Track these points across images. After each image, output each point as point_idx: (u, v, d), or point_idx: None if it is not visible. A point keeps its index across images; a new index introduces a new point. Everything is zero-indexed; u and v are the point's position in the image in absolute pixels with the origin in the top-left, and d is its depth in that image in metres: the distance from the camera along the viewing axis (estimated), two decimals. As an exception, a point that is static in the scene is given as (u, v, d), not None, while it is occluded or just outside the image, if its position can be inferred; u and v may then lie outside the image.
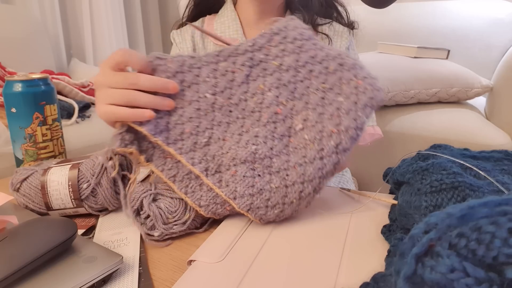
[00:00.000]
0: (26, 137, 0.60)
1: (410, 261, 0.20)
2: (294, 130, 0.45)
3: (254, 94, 0.46)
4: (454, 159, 0.42)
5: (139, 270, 0.37)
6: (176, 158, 0.44)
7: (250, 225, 0.44)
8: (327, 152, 0.42)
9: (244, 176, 0.43)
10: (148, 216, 0.43)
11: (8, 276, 0.31)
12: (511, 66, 1.11)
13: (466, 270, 0.18)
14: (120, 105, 0.43)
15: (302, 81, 0.45)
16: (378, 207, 0.49)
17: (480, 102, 1.28)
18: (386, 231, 0.41)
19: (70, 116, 1.15)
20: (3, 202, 0.51)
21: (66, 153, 0.66)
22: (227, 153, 0.44)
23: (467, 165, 0.40)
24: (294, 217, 0.45)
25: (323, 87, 0.44)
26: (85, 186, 0.47)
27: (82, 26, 2.09)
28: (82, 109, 1.26)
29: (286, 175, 0.43)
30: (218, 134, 0.45)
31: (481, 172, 0.39)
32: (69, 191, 0.47)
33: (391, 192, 0.53)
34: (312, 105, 0.45)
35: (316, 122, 0.44)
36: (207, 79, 0.45)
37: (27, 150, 0.60)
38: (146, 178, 0.59)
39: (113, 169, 0.46)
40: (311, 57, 0.45)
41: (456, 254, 0.19)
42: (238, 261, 0.37)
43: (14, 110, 0.59)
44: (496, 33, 1.41)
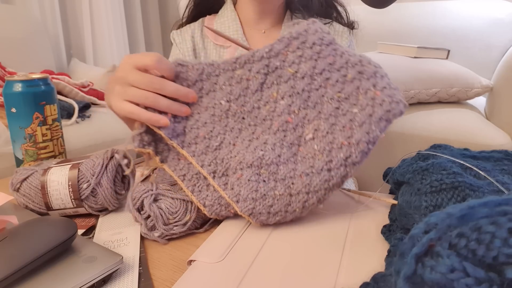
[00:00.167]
0: (26, 137, 0.60)
1: (410, 261, 0.21)
2: (304, 139, 0.44)
3: (267, 102, 0.46)
4: (454, 159, 0.42)
5: (139, 270, 0.37)
6: (188, 160, 0.46)
7: (250, 225, 0.44)
8: (336, 164, 0.41)
9: (249, 180, 0.43)
10: (148, 216, 0.43)
11: (8, 276, 0.31)
12: (511, 66, 1.11)
13: (466, 270, 0.18)
14: (138, 104, 0.44)
15: (317, 89, 0.44)
16: (378, 207, 0.49)
17: (480, 102, 1.28)
18: (386, 231, 0.41)
19: (70, 116, 1.15)
20: (3, 202, 0.51)
21: (66, 153, 0.66)
22: (235, 157, 0.44)
23: (467, 165, 0.40)
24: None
25: (338, 97, 0.43)
26: (85, 186, 0.47)
27: (82, 26, 2.09)
28: (82, 109, 1.26)
29: (292, 184, 0.42)
30: (229, 139, 0.46)
31: (481, 172, 0.39)
32: (69, 191, 0.47)
33: (391, 192, 0.53)
34: (325, 115, 0.44)
35: (327, 132, 0.43)
36: (223, 87, 0.47)
37: (27, 150, 0.60)
38: (147, 178, 0.59)
39: (127, 167, 0.48)
40: (329, 64, 0.44)
41: (456, 254, 0.19)
42: (238, 261, 0.37)
43: (14, 110, 0.59)
44: (496, 33, 1.41)
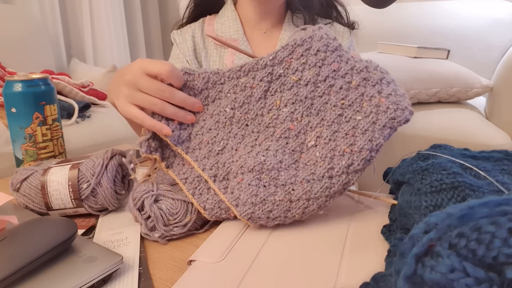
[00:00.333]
0: (26, 137, 0.60)
1: (410, 261, 0.20)
2: (306, 146, 0.44)
3: (270, 110, 0.46)
4: (454, 159, 0.42)
5: (139, 270, 0.37)
6: (191, 164, 0.46)
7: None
8: (337, 171, 0.41)
9: (249, 184, 0.43)
10: (149, 217, 0.43)
11: (8, 276, 0.31)
12: (511, 66, 1.11)
13: (466, 270, 0.18)
14: (144, 109, 0.46)
15: (320, 96, 0.44)
16: (378, 207, 0.49)
17: (480, 102, 1.28)
18: (386, 231, 0.41)
19: (70, 116, 1.15)
20: (3, 202, 0.51)
21: (66, 153, 0.66)
22: (237, 161, 0.44)
23: (467, 165, 0.40)
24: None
25: (342, 104, 0.43)
26: (85, 186, 0.47)
27: (82, 26, 2.09)
28: (82, 109, 1.26)
29: (292, 190, 0.42)
30: (232, 145, 0.46)
31: (481, 172, 0.39)
32: (69, 191, 0.47)
33: (391, 192, 0.53)
34: (327, 122, 0.44)
35: (329, 139, 0.43)
36: (228, 94, 0.47)
37: (27, 150, 0.60)
38: (147, 178, 0.58)
39: (133, 171, 0.49)
40: (333, 70, 0.44)
41: (456, 254, 0.19)
42: (238, 261, 0.37)
43: (14, 110, 0.59)
44: (496, 33, 1.41)
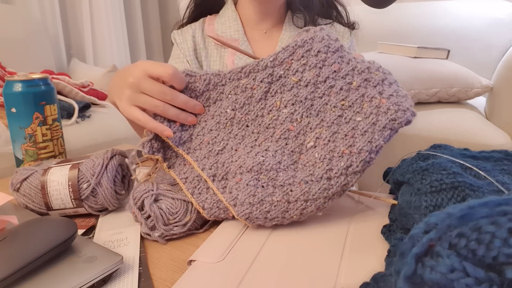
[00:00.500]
0: (26, 137, 0.60)
1: (410, 261, 0.20)
2: (305, 147, 0.44)
3: (270, 111, 0.46)
4: (454, 159, 0.42)
5: (139, 270, 0.37)
6: (192, 164, 0.47)
7: (250, 225, 0.44)
8: (336, 173, 0.41)
9: (247, 184, 0.43)
10: (149, 216, 0.43)
11: (8, 276, 0.31)
12: (511, 66, 1.11)
13: (466, 270, 0.18)
14: (145, 110, 0.47)
15: (320, 97, 0.44)
16: (378, 207, 0.49)
17: (480, 102, 1.28)
18: (386, 231, 0.41)
19: (70, 116, 1.15)
20: (3, 202, 0.51)
21: (66, 153, 0.66)
22: (236, 161, 0.45)
23: (467, 165, 0.40)
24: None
25: (342, 105, 0.43)
26: (85, 186, 0.47)
27: (82, 26, 2.09)
28: (82, 109, 1.26)
29: (290, 191, 0.42)
30: (232, 145, 0.47)
31: (481, 172, 0.39)
32: (69, 191, 0.47)
33: (391, 192, 0.53)
34: (327, 123, 0.43)
35: (328, 141, 0.43)
36: (229, 96, 0.48)
37: (27, 150, 0.60)
38: (148, 178, 0.58)
39: (134, 171, 0.50)
40: (334, 71, 0.44)
41: (456, 254, 0.19)
42: (238, 261, 0.37)
43: (14, 110, 0.59)
44: (496, 33, 1.41)
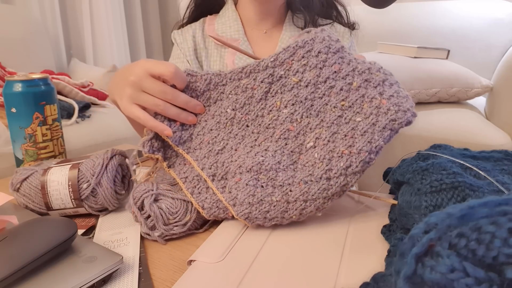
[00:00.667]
0: (26, 137, 0.60)
1: (410, 261, 0.20)
2: (305, 147, 0.44)
3: (270, 111, 0.46)
4: (454, 159, 0.42)
5: (139, 270, 0.37)
6: (192, 164, 0.47)
7: (250, 225, 0.44)
8: (335, 173, 0.41)
9: (246, 184, 0.43)
10: (148, 216, 0.43)
11: (8, 276, 0.31)
12: (511, 66, 1.11)
13: (466, 270, 0.18)
14: (146, 109, 0.47)
15: (320, 97, 0.44)
16: (378, 207, 0.49)
17: (480, 102, 1.28)
18: (386, 231, 0.41)
19: (70, 116, 1.15)
20: (3, 202, 0.51)
21: (66, 153, 0.66)
22: (236, 161, 0.45)
23: (467, 165, 0.40)
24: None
25: (342, 105, 0.43)
26: (85, 186, 0.47)
27: (82, 26, 2.09)
28: (82, 109, 1.26)
29: (290, 191, 0.42)
30: (232, 145, 0.47)
31: (481, 172, 0.39)
32: (69, 191, 0.47)
33: (391, 192, 0.53)
34: (327, 123, 0.43)
35: (328, 141, 0.43)
36: (230, 96, 0.48)
37: (27, 150, 0.60)
38: (148, 177, 0.58)
39: (134, 172, 0.50)
40: (334, 72, 0.44)
41: (456, 254, 0.19)
42: (238, 261, 0.37)
43: (14, 110, 0.59)
44: (496, 33, 1.41)
